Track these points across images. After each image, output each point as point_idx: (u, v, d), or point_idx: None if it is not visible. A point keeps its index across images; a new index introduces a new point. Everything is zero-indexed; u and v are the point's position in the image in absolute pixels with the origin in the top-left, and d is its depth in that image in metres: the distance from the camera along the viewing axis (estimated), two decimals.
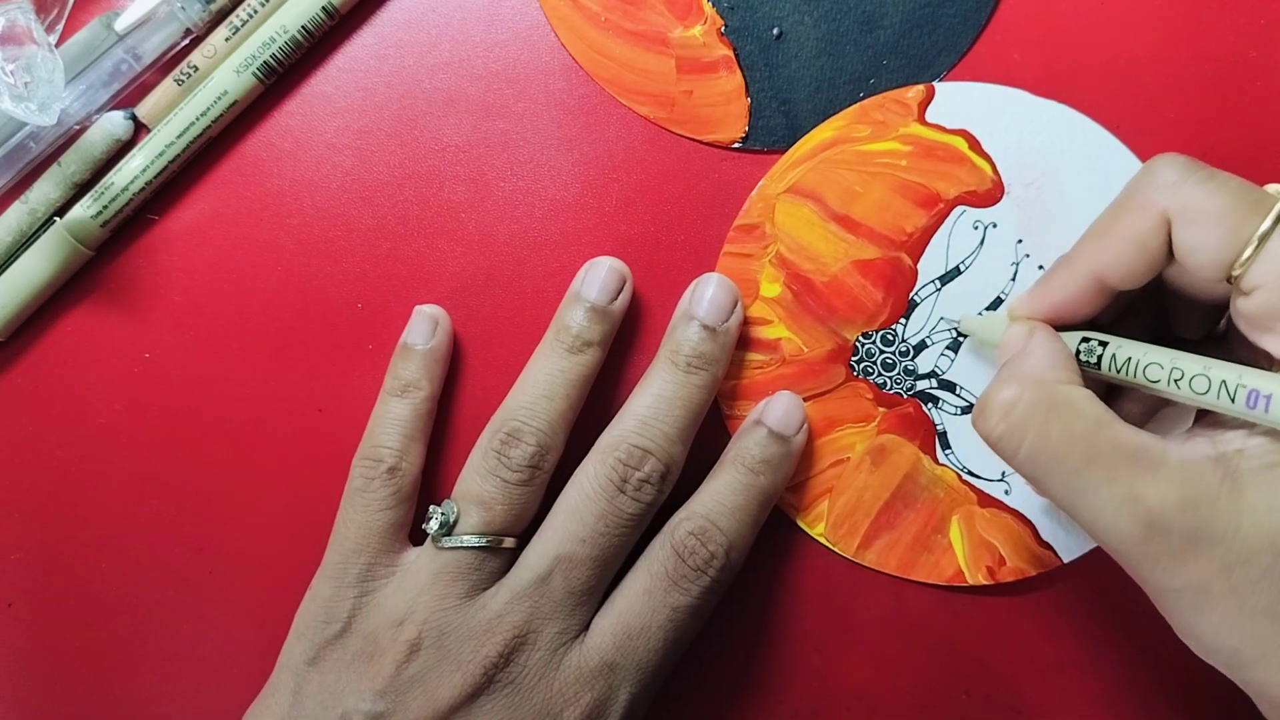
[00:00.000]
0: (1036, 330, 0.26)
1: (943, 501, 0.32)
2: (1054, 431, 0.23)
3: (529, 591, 0.28)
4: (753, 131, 0.32)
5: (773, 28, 0.32)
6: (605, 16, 0.32)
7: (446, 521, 0.28)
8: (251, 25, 0.32)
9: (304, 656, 0.28)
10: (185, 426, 0.33)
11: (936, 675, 0.32)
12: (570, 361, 0.30)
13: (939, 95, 0.32)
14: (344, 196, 0.33)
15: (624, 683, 0.28)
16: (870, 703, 0.32)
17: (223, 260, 0.33)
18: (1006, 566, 0.32)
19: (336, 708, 0.27)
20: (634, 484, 0.28)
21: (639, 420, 0.29)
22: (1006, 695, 0.32)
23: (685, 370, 0.29)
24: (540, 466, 0.29)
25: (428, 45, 0.33)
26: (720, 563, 0.28)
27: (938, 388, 0.32)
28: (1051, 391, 0.24)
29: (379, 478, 0.30)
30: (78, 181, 0.32)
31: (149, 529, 0.33)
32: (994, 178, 0.32)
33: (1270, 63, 0.32)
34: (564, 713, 0.27)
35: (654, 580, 0.28)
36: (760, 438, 0.30)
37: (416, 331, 0.31)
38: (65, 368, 0.33)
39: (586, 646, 0.28)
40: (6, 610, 0.33)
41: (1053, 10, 0.32)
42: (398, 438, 0.30)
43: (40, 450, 0.33)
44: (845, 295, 0.32)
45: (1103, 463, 0.23)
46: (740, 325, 0.31)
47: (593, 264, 0.31)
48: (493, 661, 0.27)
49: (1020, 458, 0.24)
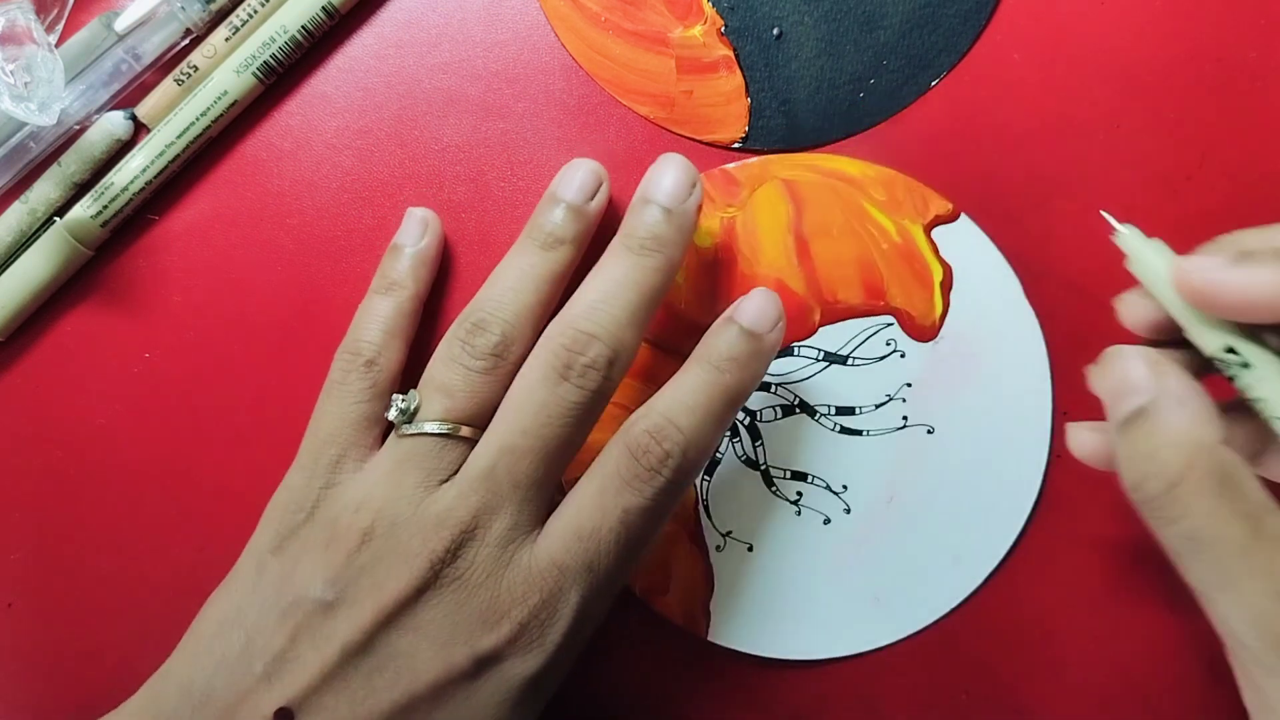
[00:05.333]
0: (1169, 371, 0.23)
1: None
2: (1224, 510, 0.21)
3: (476, 485, 0.27)
4: (753, 132, 0.32)
5: (773, 28, 0.32)
6: (605, 16, 0.32)
7: (407, 409, 0.28)
8: (251, 25, 0.32)
9: (268, 543, 0.28)
10: (185, 426, 0.33)
11: (937, 675, 0.32)
12: (541, 258, 0.29)
13: (959, 223, 0.31)
14: (344, 196, 0.33)
15: (573, 585, 0.27)
16: (870, 703, 0.32)
17: (223, 260, 0.33)
18: (665, 598, 0.32)
19: (289, 594, 0.27)
20: (578, 370, 0.27)
21: (587, 305, 0.28)
22: (1006, 695, 0.32)
23: (638, 253, 0.28)
24: (504, 356, 0.28)
25: (428, 45, 0.33)
26: (675, 462, 0.27)
27: (746, 427, 0.32)
28: (1221, 461, 0.22)
29: (356, 370, 0.29)
30: (78, 181, 0.32)
31: (149, 529, 0.33)
32: (937, 321, 0.32)
33: (1270, 63, 0.32)
34: (511, 612, 0.26)
35: (606, 480, 0.27)
36: (730, 335, 0.28)
37: (406, 233, 0.31)
38: (65, 368, 0.33)
39: (537, 547, 0.27)
40: (6, 610, 0.33)
41: (1053, 10, 0.32)
42: (378, 333, 0.30)
43: (40, 450, 0.33)
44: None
45: (1265, 552, 0.21)
46: (699, 207, 0.29)
47: (570, 165, 0.30)
48: (439, 556, 0.26)
49: (1176, 529, 0.22)
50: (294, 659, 0.26)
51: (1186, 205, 0.32)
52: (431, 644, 0.26)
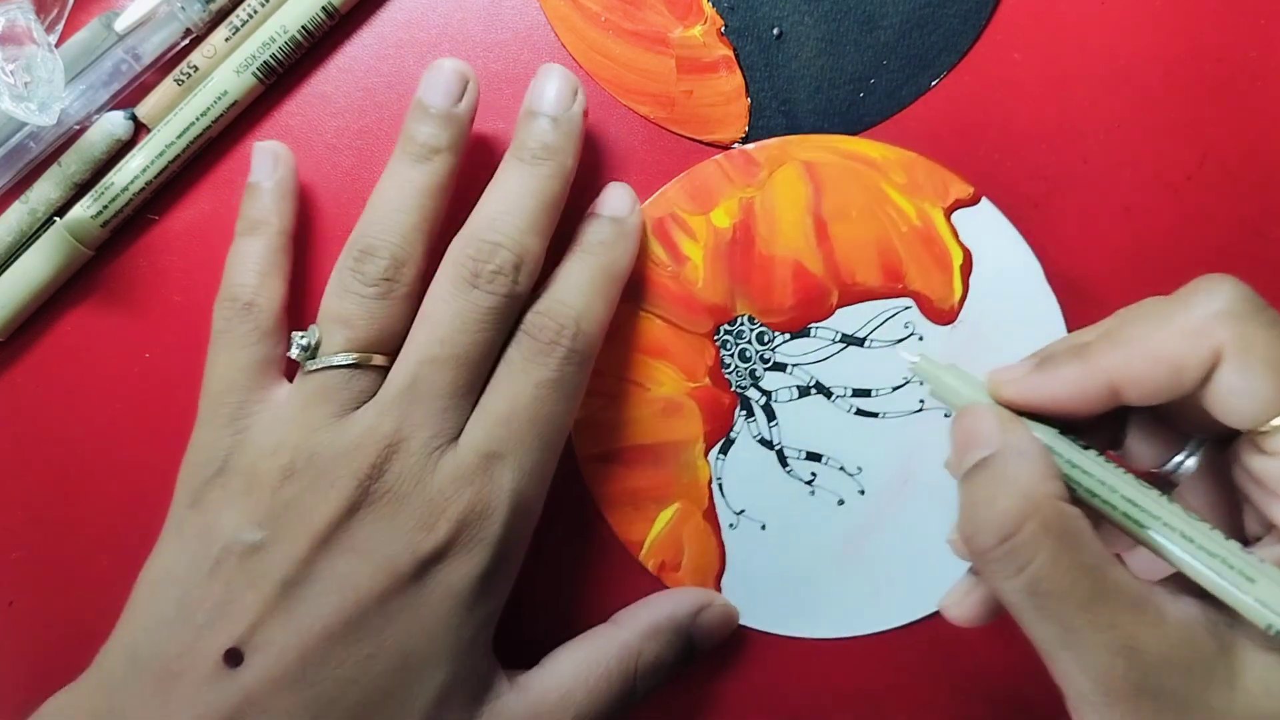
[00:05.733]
0: (1012, 425, 0.23)
1: (681, 485, 0.32)
2: (1064, 563, 0.21)
3: (395, 401, 0.27)
4: (753, 131, 0.32)
5: (773, 28, 0.32)
6: (605, 17, 0.32)
7: (309, 345, 0.28)
8: (251, 25, 0.32)
9: (186, 501, 0.28)
10: (185, 426, 0.33)
11: (937, 675, 0.32)
12: (418, 170, 0.29)
13: (979, 207, 0.31)
14: (344, 196, 0.33)
15: (504, 471, 0.27)
16: (871, 703, 0.32)
17: (222, 260, 0.33)
18: (677, 575, 0.32)
19: (216, 543, 0.27)
20: (486, 277, 0.28)
21: (487, 218, 0.28)
22: (1006, 695, 0.32)
23: (531, 163, 0.29)
24: (397, 279, 0.28)
25: (428, 45, 0.33)
26: (572, 330, 0.28)
27: (761, 407, 0.32)
28: (1061, 513, 0.22)
29: (236, 315, 0.29)
30: (78, 181, 0.32)
31: (149, 529, 0.33)
32: (955, 305, 0.32)
33: (1270, 63, 0.32)
34: (446, 511, 0.27)
35: (511, 367, 0.28)
36: (596, 225, 0.30)
37: (259, 169, 0.31)
38: (65, 368, 0.33)
39: (460, 445, 0.27)
40: (6, 610, 0.33)
41: (1053, 10, 0.32)
42: (252, 274, 0.30)
43: (40, 450, 0.33)
44: (767, 277, 0.32)
45: (1106, 605, 0.21)
46: (584, 113, 0.30)
47: (432, 67, 0.30)
48: (365, 474, 0.26)
49: (1016, 583, 0.22)
50: (232, 602, 0.26)
51: (1186, 205, 0.32)
52: (371, 560, 0.26)
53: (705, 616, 0.31)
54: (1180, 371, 0.22)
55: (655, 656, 0.30)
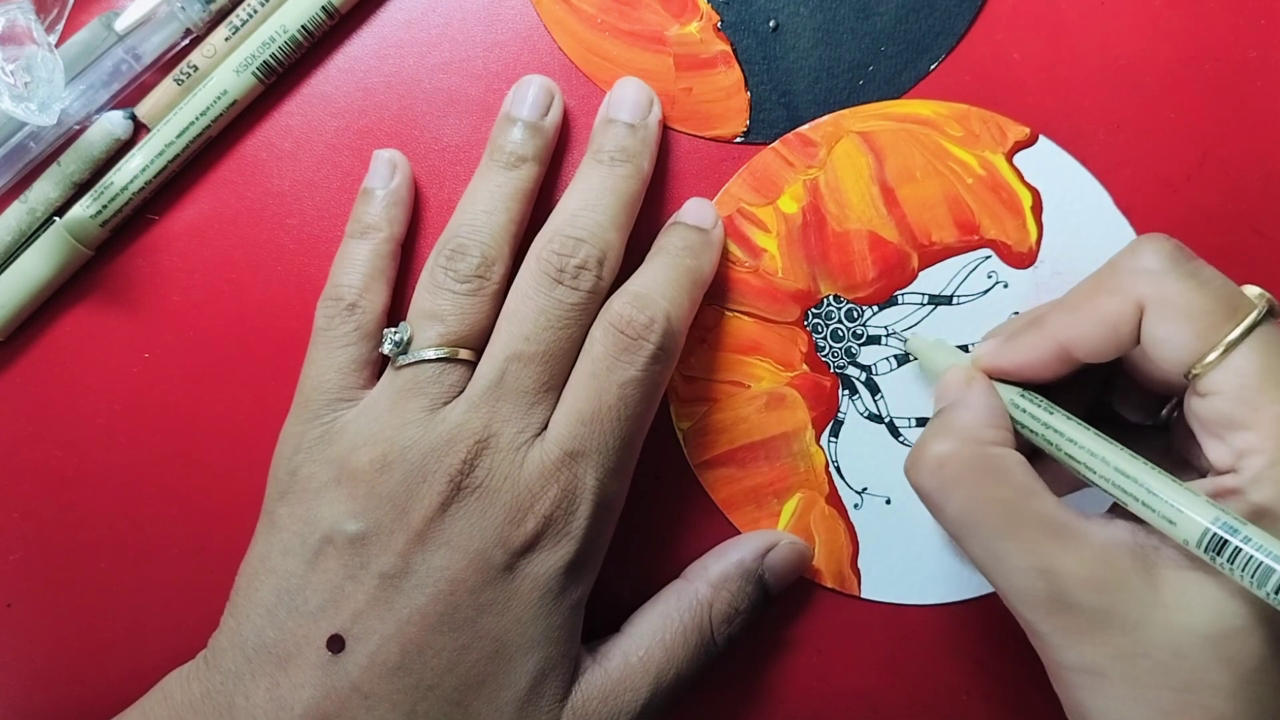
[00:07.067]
0: (975, 381, 0.27)
1: (799, 475, 0.32)
2: (982, 495, 0.24)
3: (484, 397, 0.28)
4: (754, 125, 0.32)
5: (768, 20, 0.32)
6: (601, 18, 0.32)
7: (401, 340, 0.29)
8: (251, 25, 0.32)
9: (276, 494, 0.29)
10: (185, 426, 0.33)
11: (937, 675, 0.32)
12: (506, 176, 0.30)
13: (1038, 146, 0.31)
14: (344, 196, 0.33)
15: (587, 469, 0.28)
16: (871, 703, 0.32)
17: (223, 260, 0.33)
18: (812, 564, 0.32)
19: (315, 533, 0.28)
20: (570, 272, 0.28)
21: (568, 215, 0.29)
22: (1006, 695, 0.32)
23: (609, 164, 0.30)
24: (487, 277, 0.29)
25: (428, 45, 0.33)
26: (661, 327, 0.28)
27: (863, 383, 0.32)
28: (984, 453, 0.25)
29: (339, 315, 0.30)
30: (77, 181, 0.32)
31: (149, 529, 0.33)
32: (1033, 246, 0.32)
33: (1270, 63, 0.32)
34: (534, 507, 0.27)
35: (596, 363, 0.28)
36: (680, 231, 0.31)
37: (375, 176, 0.32)
38: (65, 368, 0.33)
39: (546, 441, 0.28)
40: (6, 610, 0.33)
41: (1053, 10, 0.32)
42: (358, 276, 0.30)
43: (40, 450, 0.33)
44: (844, 254, 0.32)
45: (1024, 532, 0.23)
46: (660, 122, 0.31)
47: (521, 83, 0.31)
48: (457, 470, 0.27)
49: (946, 514, 0.25)
50: (334, 591, 0.27)
51: (1186, 205, 0.32)
52: (465, 554, 0.27)
53: (773, 557, 0.31)
54: (1116, 329, 0.24)
55: (728, 605, 0.30)
